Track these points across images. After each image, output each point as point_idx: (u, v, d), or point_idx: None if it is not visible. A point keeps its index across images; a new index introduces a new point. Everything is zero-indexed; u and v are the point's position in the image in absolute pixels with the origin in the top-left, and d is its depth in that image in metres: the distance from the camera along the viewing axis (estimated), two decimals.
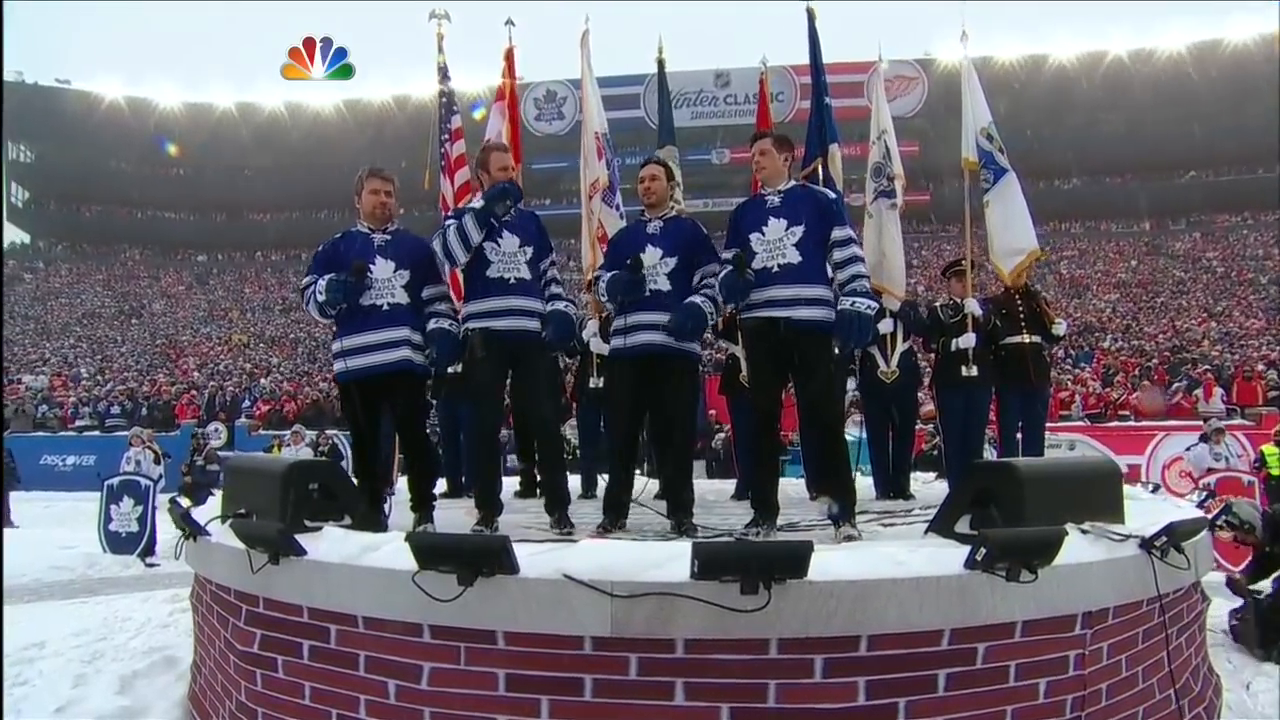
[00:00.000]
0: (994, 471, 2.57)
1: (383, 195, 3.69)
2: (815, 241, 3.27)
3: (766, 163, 3.42)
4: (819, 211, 3.30)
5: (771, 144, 3.44)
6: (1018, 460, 2.60)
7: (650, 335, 3.52)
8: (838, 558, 2.19)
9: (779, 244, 3.28)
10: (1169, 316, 22.30)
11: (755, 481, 3.39)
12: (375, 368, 3.56)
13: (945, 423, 5.17)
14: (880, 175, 5.26)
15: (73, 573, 7.02)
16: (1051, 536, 2.24)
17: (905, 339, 5.12)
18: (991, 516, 2.52)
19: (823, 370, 3.19)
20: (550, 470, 3.76)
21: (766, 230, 3.32)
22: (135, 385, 18.39)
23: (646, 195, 3.70)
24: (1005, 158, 5.15)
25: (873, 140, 5.36)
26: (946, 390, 5.14)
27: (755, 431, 3.39)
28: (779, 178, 3.44)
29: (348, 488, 3.11)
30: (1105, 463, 2.82)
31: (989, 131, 5.16)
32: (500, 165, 3.68)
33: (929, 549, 2.29)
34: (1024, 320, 5.25)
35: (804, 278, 3.23)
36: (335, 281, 3.52)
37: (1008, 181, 5.11)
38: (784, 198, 3.37)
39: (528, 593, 2.24)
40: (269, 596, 2.71)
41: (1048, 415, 5.51)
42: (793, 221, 3.29)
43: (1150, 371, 16.04)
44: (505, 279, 3.55)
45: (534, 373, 3.61)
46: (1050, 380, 5.60)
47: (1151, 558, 2.54)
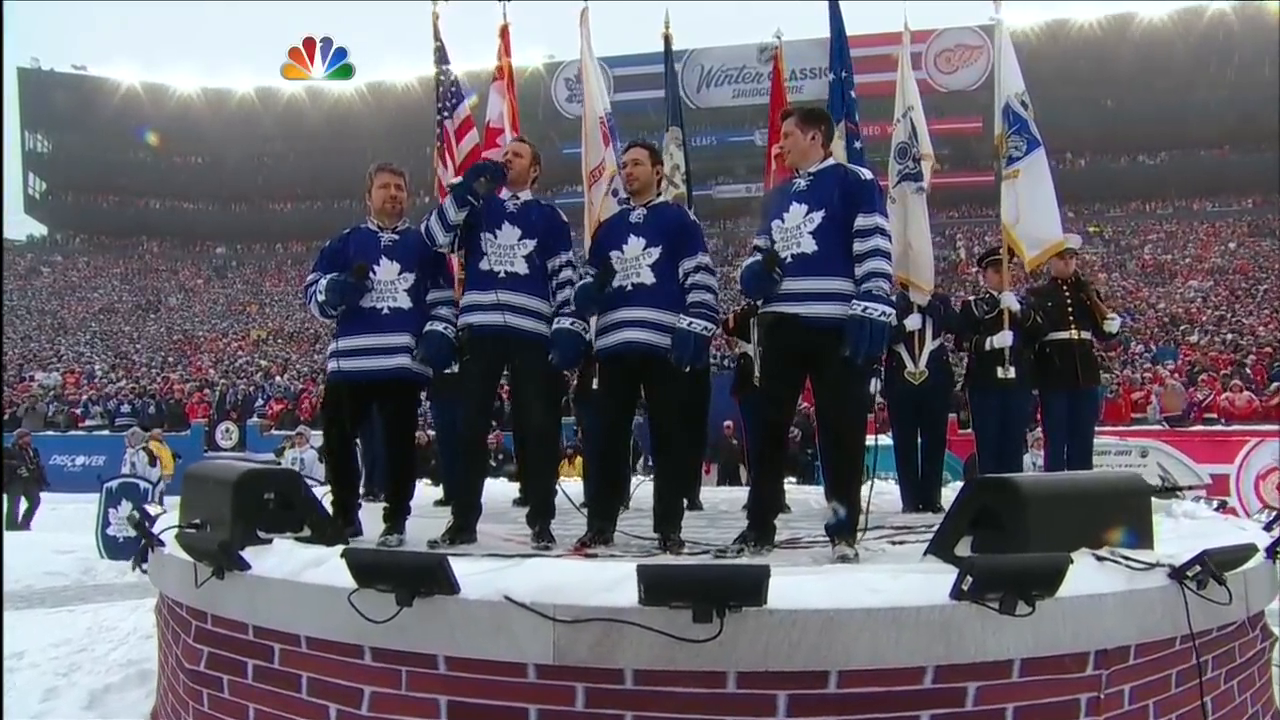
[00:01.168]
0: (994, 489, 2.46)
1: (393, 189, 3.75)
2: (837, 229, 3.12)
3: (790, 144, 3.32)
4: (845, 194, 3.14)
5: (795, 122, 3.31)
6: (1020, 476, 2.48)
7: (633, 332, 3.48)
8: (803, 583, 2.12)
9: (795, 231, 3.20)
10: (1272, 307, 21.26)
11: (752, 494, 3.32)
12: (369, 372, 3.62)
13: (979, 429, 5.03)
14: (905, 156, 5.13)
15: (67, 579, 7.28)
16: (1052, 563, 2.13)
17: (935, 336, 5.00)
18: (993, 539, 2.42)
19: (836, 372, 3.07)
20: (537, 478, 3.75)
21: (787, 216, 3.24)
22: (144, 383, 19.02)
23: (629, 181, 3.65)
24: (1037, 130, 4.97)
25: (897, 118, 5.23)
26: (980, 393, 5.00)
27: (759, 440, 3.32)
28: (807, 158, 3.29)
29: (306, 497, 3.14)
30: (1130, 479, 2.68)
31: (1023, 98, 4.98)
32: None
33: (915, 575, 2.21)
34: (1072, 314, 5.07)
35: (819, 269, 3.12)
36: (335, 282, 3.58)
37: (1039, 157, 4.93)
38: (812, 181, 3.25)
39: (467, 615, 2.23)
40: (215, 613, 2.75)
41: (1097, 420, 5.30)
42: (813, 206, 3.17)
43: (1245, 369, 15.36)
44: (495, 273, 3.56)
45: (524, 374, 3.61)
46: (1100, 381, 5.38)
47: (1184, 589, 2.40)
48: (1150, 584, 2.38)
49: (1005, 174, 5.04)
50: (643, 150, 3.70)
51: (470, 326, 3.58)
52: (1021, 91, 5.02)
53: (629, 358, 3.50)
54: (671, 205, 3.74)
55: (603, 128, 5.50)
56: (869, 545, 3.38)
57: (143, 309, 31.74)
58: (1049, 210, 4.94)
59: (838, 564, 2.87)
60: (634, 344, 3.47)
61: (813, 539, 3.45)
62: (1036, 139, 5.00)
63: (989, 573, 2.06)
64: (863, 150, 5.21)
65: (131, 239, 40.15)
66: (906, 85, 5.31)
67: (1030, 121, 5.01)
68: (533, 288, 3.59)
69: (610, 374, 3.63)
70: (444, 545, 3.45)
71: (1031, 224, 4.96)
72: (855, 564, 2.87)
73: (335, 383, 3.65)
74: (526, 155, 3.74)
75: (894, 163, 5.21)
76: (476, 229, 3.59)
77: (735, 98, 33.14)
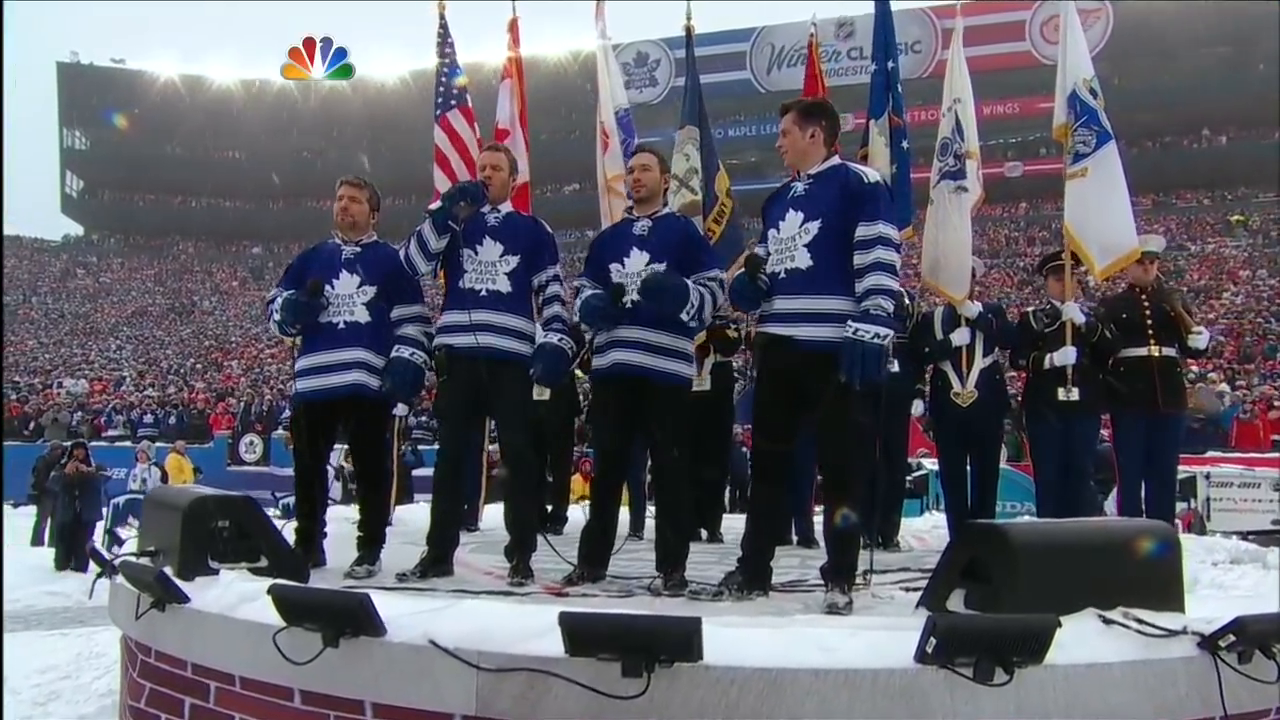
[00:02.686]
0: (981, 538, 2.40)
1: (345, 201, 3.91)
2: (835, 241, 3.09)
3: (787, 143, 3.30)
4: (845, 200, 3.10)
5: (793, 119, 3.28)
6: (1013, 524, 2.41)
7: (628, 354, 3.52)
8: (747, 638, 2.11)
9: (789, 244, 3.18)
10: None
11: (747, 531, 3.32)
12: (322, 391, 3.76)
13: (1036, 460, 4.89)
14: (946, 153, 5.02)
15: (68, 599, 7.71)
16: (1035, 626, 2.07)
17: (987, 353, 4.89)
18: (986, 592, 2.37)
19: (832, 400, 3.02)
20: (515, 508, 3.82)
21: (782, 226, 3.23)
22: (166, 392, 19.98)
23: (636, 188, 3.70)
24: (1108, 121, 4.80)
25: (944, 110, 5.13)
26: (1038, 418, 4.85)
27: (753, 473, 3.32)
28: (808, 158, 3.26)
29: (263, 525, 3.28)
30: (1152, 528, 2.57)
31: (1091, 85, 4.82)
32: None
33: (877, 633, 2.17)
34: (1151, 327, 4.87)
35: (815, 287, 3.09)
36: (289, 301, 3.76)
37: (1110, 153, 4.75)
38: (811, 184, 3.23)
39: (392, 659, 2.30)
40: (157, 647, 2.90)
41: (1179, 449, 5.07)
42: (810, 215, 3.15)
43: None
44: (476, 291, 3.65)
45: (503, 397, 3.68)
46: (1186, 405, 5.15)
47: (1218, 662, 2.29)
48: (1172, 654, 2.28)
49: (1070, 172, 4.88)
50: (652, 155, 3.75)
51: (448, 347, 3.68)
52: (1090, 78, 4.86)
53: (621, 381, 3.54)
54: (678, 217, 3.78)
55: (603, 132, 5.58)
56: (877, 592, 3.34)
57: (176, 312, 33.38)
58: (1121, 213, 4.75)
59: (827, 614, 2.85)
60: (624, 367, 3.52)
61: (817, 582, 3.41)
62: (1108, 131, 4.83)
63: (956, 635, 2.02)
64: (910, 151, 5.13)
65: (167, 238, 42.33)
66: (955, 74, 5.20)
67: (1100, 112, 4.84)
68: (516, 306, 3.67)
69: (603, 398, 3.68)
70: (414, 579, 3.56)
71: (1102, 229, 4.78)
72: (843, 614, 2.85)
73: (297, 404, 3.80)
74: (505, 167, 3.83)
75: (936, 160, 5.11)
76: (457, 245, 3.70)
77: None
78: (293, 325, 3.79)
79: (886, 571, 3.81)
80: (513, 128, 5.97)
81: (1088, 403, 4.73)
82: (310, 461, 3.89)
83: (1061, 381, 4.69)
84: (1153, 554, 2.44)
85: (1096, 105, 4.87)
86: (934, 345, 4.94)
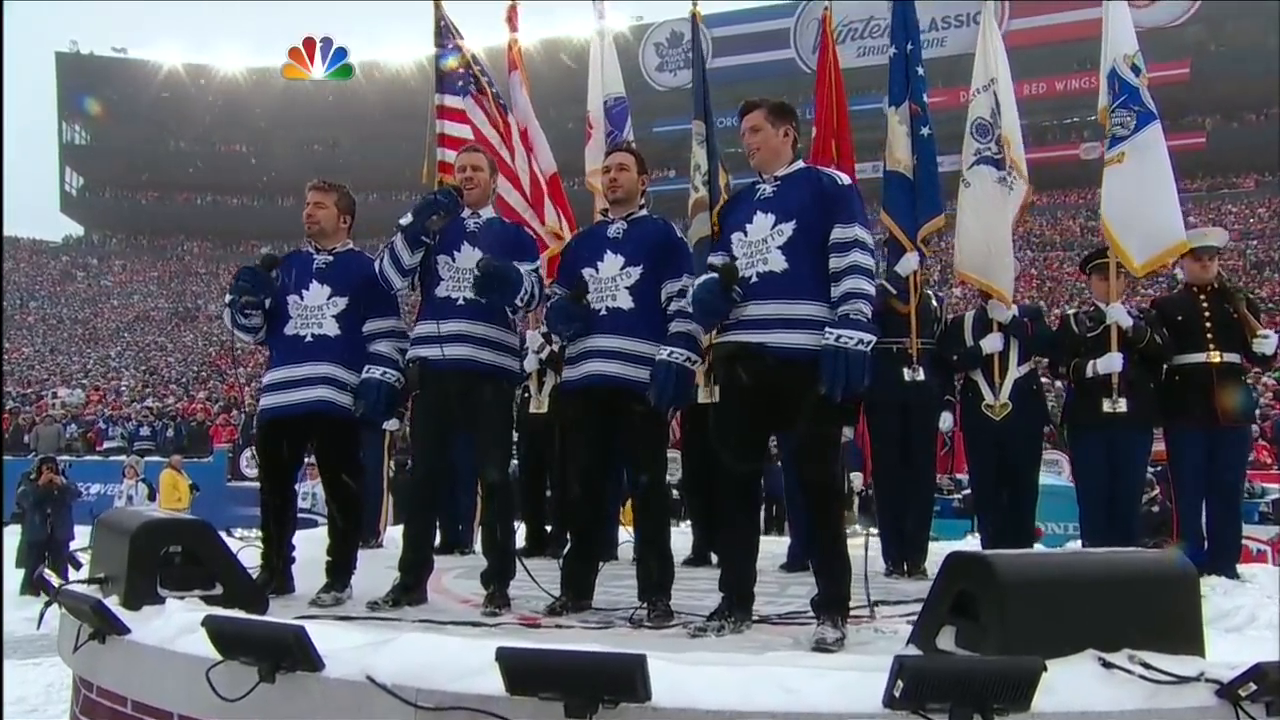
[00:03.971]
0: (966, 569, 2.38)
1: (310, 207, 4.02)
2: (810, 243, 3.17)
3: (758, 141, 3.35)
4: (820, 201, 3.19)
5: (764, 116, 3.35)
6: (1000, 555, 2.36)
7: (602, 364, 3.57)
8: (703, 677, 2.12)
9: (760, 246, 3.23)
10: None
11: (724, 559, 3.34)
12: (285, 408, 3.85)
13: (1080, 479, 4.82)
14: (986, 135, 4.98)
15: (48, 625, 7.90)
16: (1016, 669, 2.04)
17: (1022, 361, 4.85)
18: (975, 630, 2.35)
19: (810, 416, 3.06)
20: (491, 533, 3.88)
21: (750, 228, 3.27)
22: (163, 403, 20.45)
23: (612, 189, 3.75)
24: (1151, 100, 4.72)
25: (976, 89, 5.09)
26: (1081, 433, 4.80)
27: (725, 497, 3.33)
28: (778, 160, 3.35)
29: (218, 550, 3.36)
30: (1163, 559, 2.53)
31: (1134, 61, 4.75)
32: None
33: (846, 674, 2.17)
34: (1210, 330, 4.77)
35: (789, 291, 3.14)
36: (241, 272, 3.84)
37: (1153, 135, 4.67)
38: (780, 186, 3.31)
39: (328, 695, 2.35)
40: (98, 682, 2.99)
41: (1244, 466, 4.97)
42: (782, 216, 3.21)
43: None
44: (452, 299, 3.73)
45: (480, 415, 3.73)
46: (1251, 418, 5.04)
47: (1240, 714, 2.24)
48: (1184, 703, 2.22)
49: (1108, 158, 4.80)
50: (629, 155, 3.81)
51: (422, 360, 3.74)
52: (1133, 53, 4.78)
53: (596, 393, 3.58)
54: (657, 219, 3.84)
55: (588, 125, 5.62)
56: (883, 625, 3.33)
57: (179, 317, 34.19)
58: (1164, 202, 4.67)
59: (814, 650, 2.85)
60: (601, 378, 3.55)
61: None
62: (1150, 111, 4.75)
63: (926, 678, 2.00)
64: (932, 138, 5.09)
65: (171, 238, 43.38)
66: (989, 50, 5.15)
67: (1142, 90, 4.76)
68: (494, 315, 3.73)
69: (575, 413, 3.72)
70: (385, 608, 3.62)
71: (1141, 220, 4.70)
72: (831, 650, 2.84)
73: (261, 422, 3.89)
74: (485, 168, 3.90)
75: (971, 139, 5.06)
76: (433, 251, 3.77)
77: (860, 56, 32.67)
78: (244, 309, 3.84)
79: (901, 602, 3.80)
80: (528, 123, 6.09)
81: (1137, 415, 4.64)
82: (275, 483, 3.97)
83: (1107, 392, 4.62)
84: (1165, 588, 2.40)
85: (1138, 83, 4.79)
86: (963, 352, 4.91)
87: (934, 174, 5.06)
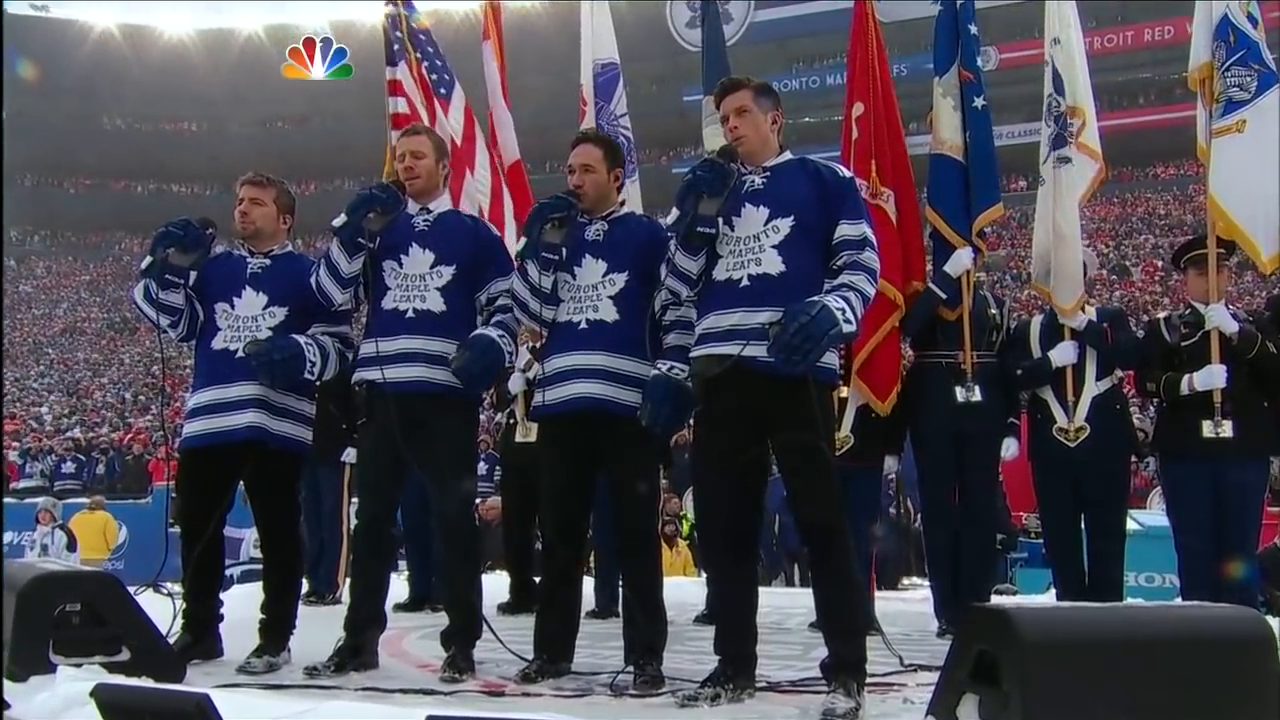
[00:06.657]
0: (986, 626, 2.43)
1: (244, 204, 4.13)
2: (811, 242, 3.28)
3: (745, 126, 3.44)
4: (821, 196, 3.29)
5: (751, 97, 3.45)
6: (1024, 610, 2.41)
7: (583, 384, 3.64)
8: None
9: (753, 244, 3.30)
10: None
11: (719, 615, 3.41)
12: (211, 436, 3.95)
13: (1177, 516, 4.80)
14: (1051, 116, 5.02)
15: None
16: None
17: (1101, 375, 4.86)
18: (997, 699, 2.40)
19: (813, 437, 3.13)
20: (450, 583, 3.98)
21: (738, 223, 3.35)
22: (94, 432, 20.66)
23: (578, 190, 3.80)
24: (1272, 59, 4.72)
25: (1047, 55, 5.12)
26: (1177, 462, 4.82)
27: (709, 545, 3.41)
28: (766, 148, 3.46)
29: (125, 608, 3.48)
30: (1232, 616, 2.56)
31: (1249, 9, 4.74)
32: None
33: None
34: None
35: (788, 296, 3.18)
36: (173, 222, 3.92)
37: (1276, 99, 4.67)
38: (770, 178, 3.40)
39: None
40: None
41: None
42: (778, 211, 3.30)
43: None
44: (400, 312, 3.83)
45: (435, 444, 3.81)
46: None
47: None
48: None
49: (1219, 127, 4.80)
50: (594, 149, 3.85)
51: (369, 383, 3.84)
52: None
53: (577, 418, 3.66)
54: (643, 218, 3.94)
55: (581, 100, 5.76)
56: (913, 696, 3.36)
57: (115, 330, 34.68)
58: None
59: None
60: (583, 401, 3.62)
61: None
62: (1272, 71, 4.74)
63: None
64: (988, 109, 5.14)
65: (105, 234, 43.90)
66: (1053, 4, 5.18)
67: (1261, 44, 4.76)
68: (450, 328, 3.81)
69: (551, 441, 3.81)
70: (326, 674, 3.72)
71: (1269, 202, 4.70)
72: None
73: (183, 452, 4.01)
74: (429, 152, 3.99)
75: (1045, 125, 5.09)
76: (377, 257, 3.87)
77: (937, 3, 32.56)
78: (168, 274, 3.87)
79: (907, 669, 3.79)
80: (495, 103, 6.23)
81: (1246, 442, 4.64)
82: (197, 526, 4.05)
83: (1207, 413, 4.63)
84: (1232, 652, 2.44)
85: (1258, 36, 4.78)
86: (1029, 366, 4.93)
87: (990, 154, 5.08)
